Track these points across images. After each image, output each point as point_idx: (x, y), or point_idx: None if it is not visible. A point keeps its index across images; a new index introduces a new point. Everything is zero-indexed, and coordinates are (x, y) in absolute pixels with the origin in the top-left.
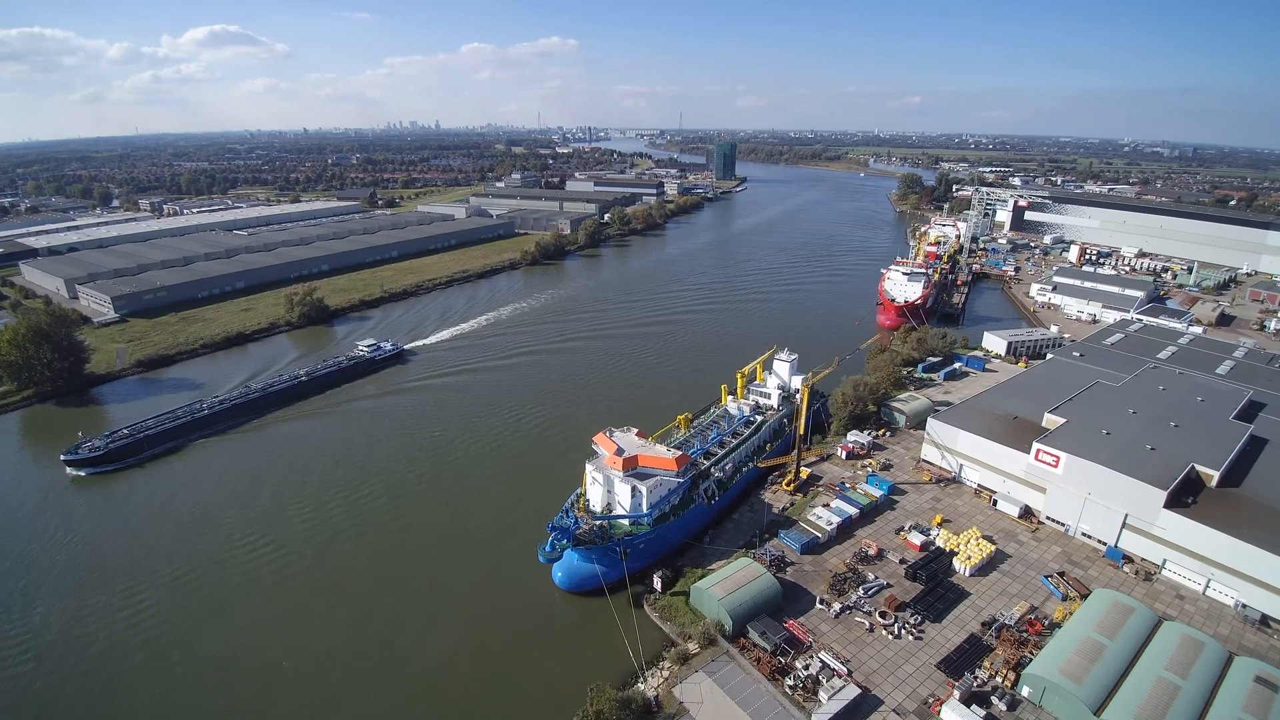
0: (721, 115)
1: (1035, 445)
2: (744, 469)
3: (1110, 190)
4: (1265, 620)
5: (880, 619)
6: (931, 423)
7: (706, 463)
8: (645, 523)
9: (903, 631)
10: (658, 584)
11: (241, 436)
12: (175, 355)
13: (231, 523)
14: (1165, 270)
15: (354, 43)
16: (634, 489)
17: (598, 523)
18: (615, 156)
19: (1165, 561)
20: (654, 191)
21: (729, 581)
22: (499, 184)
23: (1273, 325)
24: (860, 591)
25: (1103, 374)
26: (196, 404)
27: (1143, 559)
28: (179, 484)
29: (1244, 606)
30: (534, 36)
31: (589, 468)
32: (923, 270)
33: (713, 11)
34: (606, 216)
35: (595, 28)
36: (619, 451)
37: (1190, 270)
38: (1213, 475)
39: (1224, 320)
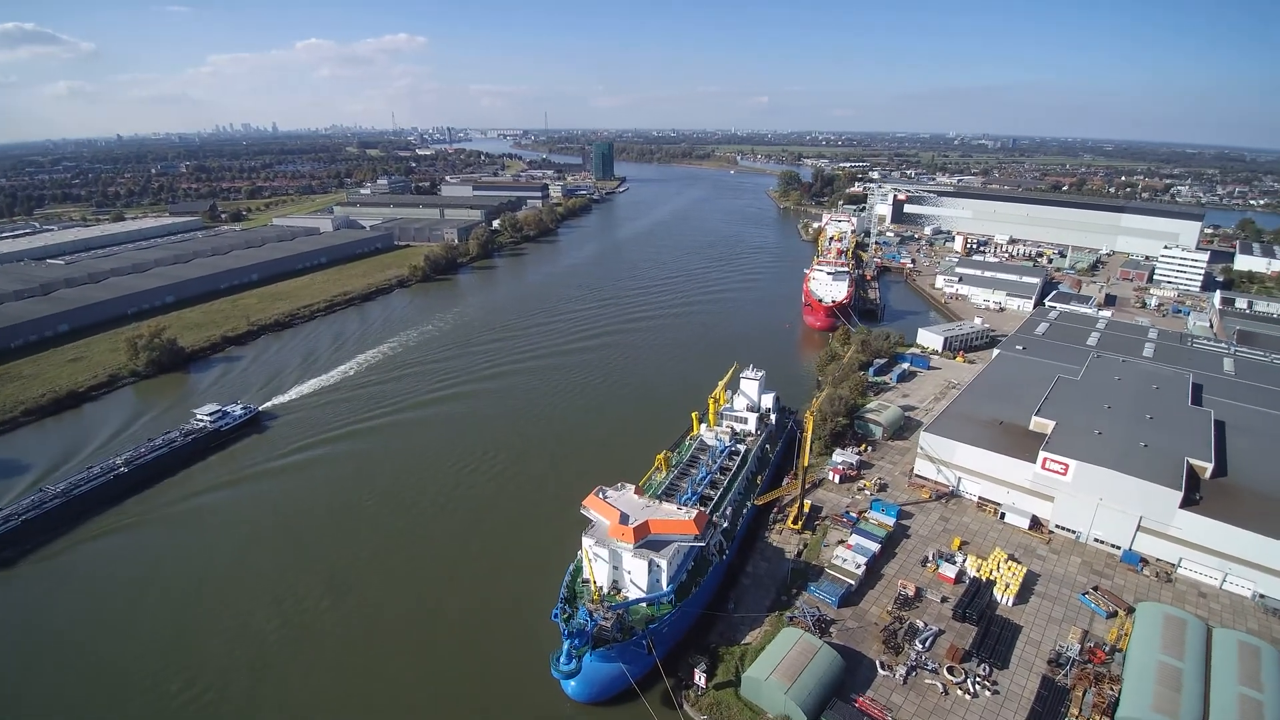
0: (583, 115)
1: (1042, 454)
2: (743, 510)
3: (960, 181)
4: None
5: (950, 676)
6: (925, 436)
7: (710, 513)
8: (668, 601)
9: (977, 687)
10: (699, 678)
11: (40, 568)
12: None
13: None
14: (1039, 255)
15: (171, 39)
16: (651, 564)
17: (614, 612)
18: (483, 158)
19: (1181, 560)
20: (539, 194)
21: (787, 663)
22: (364, 191)
23: (1153, 302)
24: (918, 645)
25: (1055, 367)
26: None
27: (1158, 559)
28: None
29: (1262, 597)
30: (379, 32)
31: (587, 542)
32: (846, 269)
33: (567, 10)
34: (496, 223)
35: (445, 24)
36: (624, 518)
37: (1063, 254)
38: (1206, 468)
39: (1110, 300)
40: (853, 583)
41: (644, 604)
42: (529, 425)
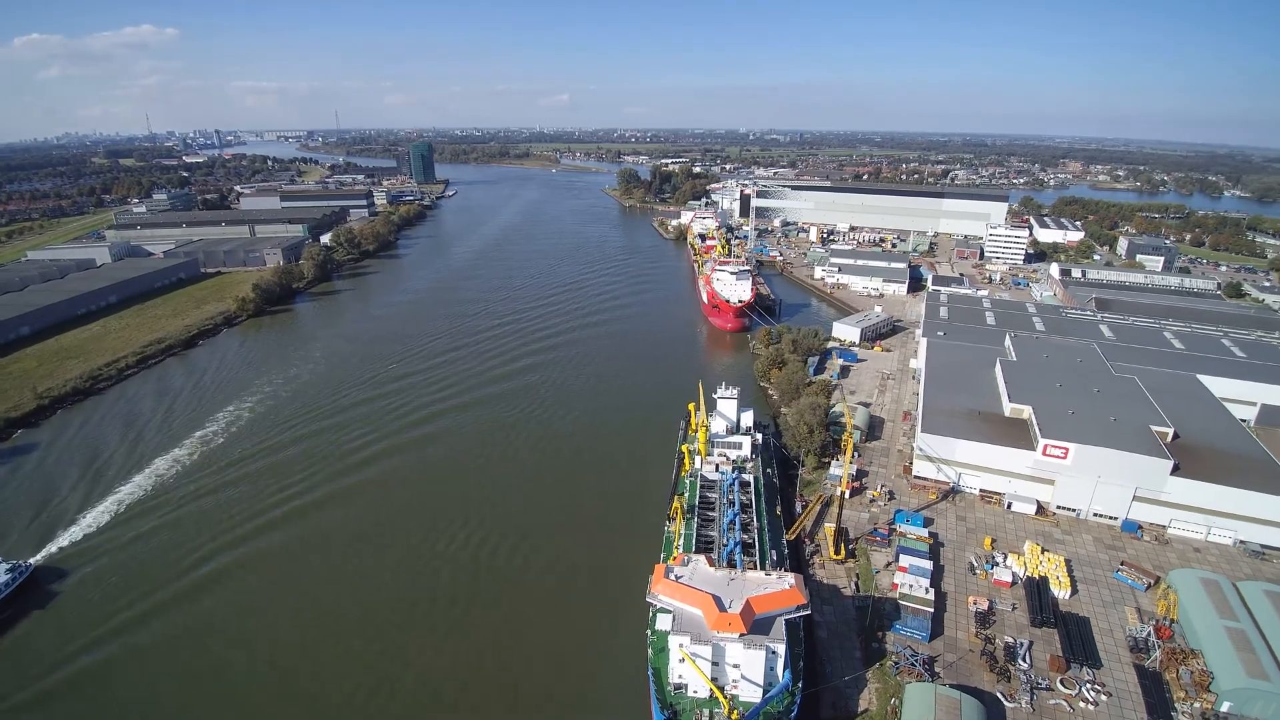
0: (375, 114)
1: (1043, 441)
2: (784, 549)
3: (775, 174)
4: (1263, 550)
5: (1065, 689)
6: (922, 436)
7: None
8: (790, 688)
9: (1093, 694)
10: None
11: None
12: None
13: None
14: (882, 241)
15: None
16: (768, 652)
17: None
18: (271, 164)
19: (1171, 521)
20: (363, 203)
21: None
22: (138, 210)
23: (996, 278)
24: (1021, 664)
25: (986, 350)
26: None
27: (1151, 524)
28: None
29: (1243, 543)
30: (117, 24)
31: (678, 641)
32: (747, 268)
33: None
34: (326, 238)
35: (198, 13)
36: (721, 603)
37: (902, 239)
38: (1168, 433)
39: (960, 279)
40: (931, 609)
41: (769, 703)
42: (475, 502)
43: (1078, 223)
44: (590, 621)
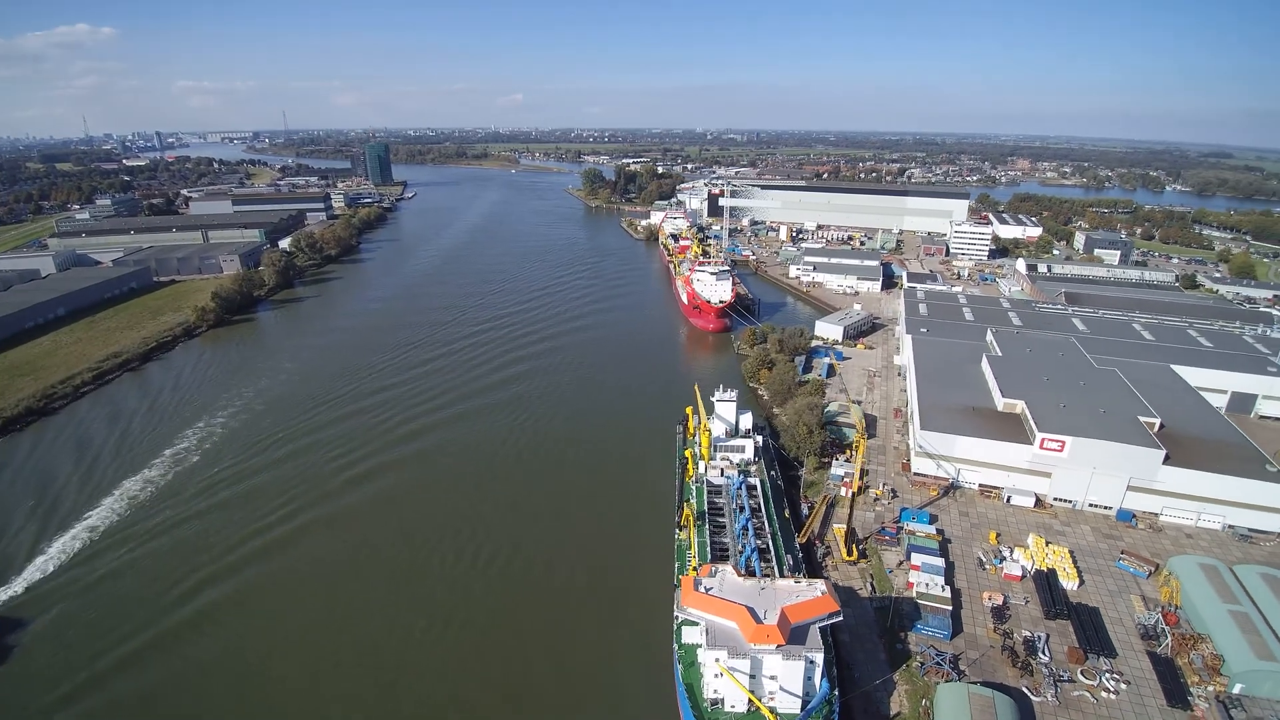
0: (321, 114)
1: (1040, 435)
2: (798, 554)
3: (737, 173)
4: (1250, 533)
5: (1085, 680)
6: (922, 434)
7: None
8: (829, 697)
9: (1113, 684)
10: None
11: None
12: None
13: None
14: (850, 239)
15: None
16: (808, 662)
17: None
18: (219, 166)
19: (1163, 509)
20: (320, 206)
21: None
22: (81, 216)
23: (965, 272)
24: (1042, 658)
25: (970, 346)
26: None
27: (1145, 512)
28: None
29: (1231, 528)
30: (49, 23)
31: (708, 657)
32: (727, 268)
33: None
34: (285, 243)
35: (135, 12)
36: (755, 614)
37: (870, 237)
38: (1154, 423)
39: (932, 275)
40: (949, 607)
41: (811, 714)
42: (472, 520)
43: (1034, 219)
44: (607, 638)
